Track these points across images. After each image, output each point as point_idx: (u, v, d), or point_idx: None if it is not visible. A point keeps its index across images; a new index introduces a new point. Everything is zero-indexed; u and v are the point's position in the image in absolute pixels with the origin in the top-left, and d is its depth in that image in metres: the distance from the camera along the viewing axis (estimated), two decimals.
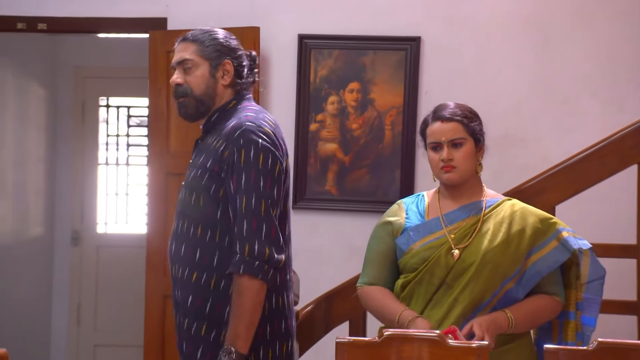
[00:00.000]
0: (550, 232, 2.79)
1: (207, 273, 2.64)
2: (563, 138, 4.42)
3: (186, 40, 2.73)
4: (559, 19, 4.51)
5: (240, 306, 2.56)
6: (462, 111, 2.84)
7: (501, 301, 2.75)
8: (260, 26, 4.58)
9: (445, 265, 2.77)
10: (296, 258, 4.45)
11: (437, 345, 2.49)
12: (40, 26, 4.82)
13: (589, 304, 2.83)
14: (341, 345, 2.52)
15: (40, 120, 6.50)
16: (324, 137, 4.65)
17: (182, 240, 2.68)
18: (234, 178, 2.60)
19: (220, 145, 2.64)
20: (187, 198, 2.68)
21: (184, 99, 2.70)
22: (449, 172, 2.80)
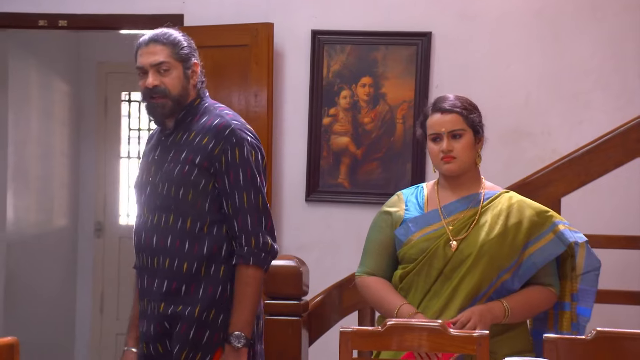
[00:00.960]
0: (547, 225, 2.78)
1: (197, 262, 2.70)
2: (572, 131, 4.40)
3: (157, 43, 2.72)
4: (569, 14, 4.48)
5: (248, 295, 2.68)
6: (461, 103, 2.83)
7: (497, 291, 2.75)
8: (274, 22, 4.58)
9: (443, 257, 2.76)
10: (309, 249, 4.50)
11: (439, 334, 2.50)
12: (61, 23, 4.85)
13: (584, 295, 2.82)
14: (345, 335, 2.53)
15: (64, 115, 6.55)
16: (336, 130, 4.65)
17: (167, 233, 2.72)
18: (230, 175, 2.68)
19: (209, 142, 2.69)
20: (171, 192, 2.71)
21: (163, 100, 2.72)
22: (449, 163, 2.80)
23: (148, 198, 2.76)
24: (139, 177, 2.83)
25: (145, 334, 2.76)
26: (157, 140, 2.82)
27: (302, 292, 3.17)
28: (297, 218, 4.70)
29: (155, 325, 2.74)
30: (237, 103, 4.63)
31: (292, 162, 4.69)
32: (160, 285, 2.73)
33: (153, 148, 2.82)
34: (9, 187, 5.84)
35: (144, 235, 2.76)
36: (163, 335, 2.73)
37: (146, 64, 2.71)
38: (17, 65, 5.91)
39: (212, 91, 4.61)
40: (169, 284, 2.71)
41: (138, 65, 2.73)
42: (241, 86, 4.61)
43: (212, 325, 2.71)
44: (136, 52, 2.76)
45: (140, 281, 2.80)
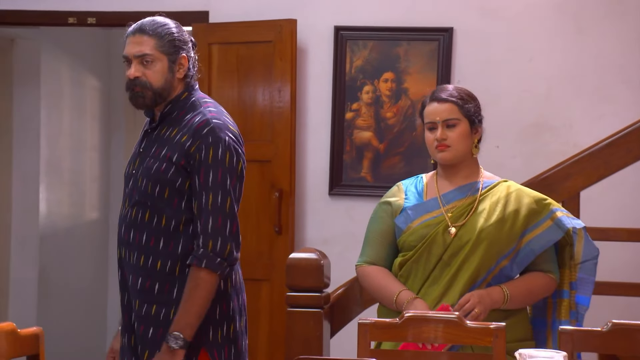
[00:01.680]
0: (545, 212, 2.78)
1: (171, 260, 2.63)
2: (593, 125, 4.37)
3: (144, 33, 2.64)
4: (590, 7, 4.45)
5: (194, 297, 2.57)
6: (458, 93, 2.83)
7: (496, 278, 2.75)
8: (298, 18, 4.59)
9: (442, 243, 2.77)
10: (333, 243, 4.50)
11: (456, 326, 2.49)
12: (90, 20, 4.88)
13: (582, 284, 2.81)
14: (363, 327, 2.54)
15: (95, 110, 6.61)
16: (359, 125, 4.65)
17: (143, 229, 2.64)
18: (201, 174, 2.59)
19: (187, 140, 2.61)
20: (148, 189, 2.64)
21: (142, 90, 2.64)
22: (443, 152, 2.80)
23: (129, 191, 2.70)
24: (126, 168, 2.77)
25: (123, 325, 2.72)
26: (145, 132, 2.76)
27: (324, 284, 3.16)
28: (320, 212, 4.70)
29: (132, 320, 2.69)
30: (262, 98, 4.64)
31: (315, 156, 4.69)
32: (135, 282, 2.66)
33: (140, 140, 2.77)
34: (41, 181, 5.91)
35: (123, 229, 2.69)
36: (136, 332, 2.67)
37: (130, 54, 2.63)
38: (49, 62, 5.98)
39: (237, 87, 4.70)
40: (143, 282, 2.64)
41: (123, 54, 2.66)
42: (265, 82, 4.62)
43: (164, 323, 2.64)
44: (125, 39, 2.68)
45: (121, 273, 2.73)
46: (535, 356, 1.99)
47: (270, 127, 4.60)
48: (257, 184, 4.59)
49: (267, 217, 4.57)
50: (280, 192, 4.55)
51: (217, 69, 4.70)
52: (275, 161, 4.58)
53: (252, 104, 4.65)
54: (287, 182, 4.56)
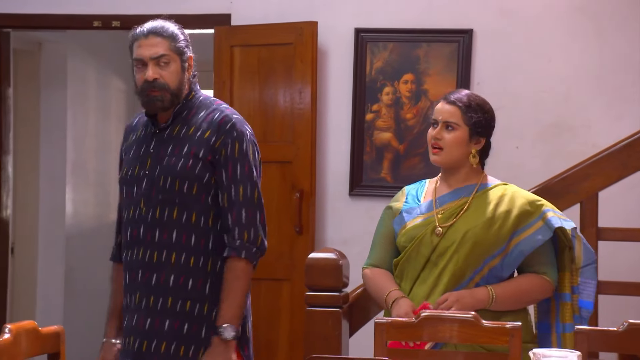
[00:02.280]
0: (537, 214, 2.75)
1: (203, 256, 2.67)
2: (612, 126, 4.34)
3: (157, 35, 2.66)
4: (610, 9, 4.41)
5: (237, 288, 2.63)
6: (468, 100, 2.80)
7: (485, 278, 2.74)
8: (318, 21, 4.60)
9: (429, 243, 2.77)
10: (353, 243, 4.50)
11: (472, 325, 2.49)
12: (114, 23, 4.91)
13: (584, 288, 2.78)
14: (380, 326, 2.54)
15: (120, 111, 6.65)
16: (379, 126, 4.64)
17: (172, 227, 2.65)
18: (229, 168, 2.65)
19: (211, 136, 2.66)
20: (175, 186, 2.65)
21: (161, 93, 2.64)
22: (435, 155, 2.81)
23: (145, 192, 2.68)
24: (129, 170, 2.73)
25: (134, 328, 2.68)
26: (149, 133, 2.74)
27: (342, 284, 3.17)
28: (340, 212, 4.70)
29: (154, 321, 2.66)
30: (282, 100, 4.65)
31: (335, 157, 4.70)
32: (165, 280, 2.64)
33: (143, 142, 2.74)
34: (68, 181, 5.95)
35: (142, 229, 2.67)
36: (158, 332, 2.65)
37: (146, 56, 2.64)
38: (75, 65, 6.03)
39: (258, 88, 4.71)
40: (176, 279, 2.64)
41: (136, 57, 2.66)
42: (286, 83, 4.63)
43: (205, 319, 2.68)
44: (132, 43, 2.68)
45: (130, 275, 2.70)
46: (549, 355, 1.98)
47: (291, 129, 4.61)
48: (277, 184, 4.60)
49: (287, 217, 4.58)
50: (301, 192, 4.55)
51: (239, 70, 4.71)
52: (296, 162, 4.58)
53: (273, 105, 4.66)
54: (308, 183, 4.56)
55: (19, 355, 2.11)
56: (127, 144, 2.80)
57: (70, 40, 5.89)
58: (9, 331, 2.09)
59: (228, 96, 4.68)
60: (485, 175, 2.87)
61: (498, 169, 4.30)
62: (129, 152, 2.77)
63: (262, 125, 4.64)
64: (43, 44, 5.87)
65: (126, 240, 2.73)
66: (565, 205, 3.39)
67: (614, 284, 3.43)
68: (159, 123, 2.73)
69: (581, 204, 3.38)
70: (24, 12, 4.96)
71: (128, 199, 2.73)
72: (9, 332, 2.09)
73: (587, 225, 3.36)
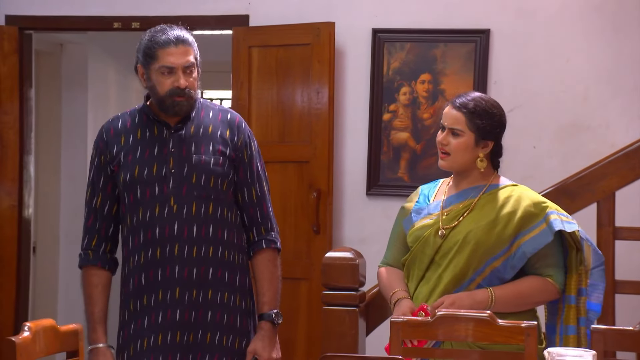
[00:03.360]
0: (542, 215, 2.72)
1: (234, 250, 2.79)
2: (631, 125, 4.32)
3: (186, 44, 2.72)
4: (628, 8, 4.38)
5: (276, 276, 2.83)
6: (474, 104, 2.76)
7: (487, 279, 2.72)
8: (336, 21, 4.60)
9: (433, 244, 2.77)
10: (370, 242, 4.49)
11: (487, 324, 2.48)
12: (134, 25, 4.94)
13: (593, 290, 2.75)
14: (395, 325, 2.54)
15: None
16: (396, 126, 4.64)
17: (209, 222, 2.73)
18: (252, 165, 2.83)
19: (232, 135, 2.81)
20: (209, 183, 2.74)
21: (186, 99, 2.72)
22: (443, 160, 2.81)
23: (174, 190, 2.72)
24: (144, 170, 2.73)
25: (175, 323, 2.69)
26: (160, 134, 2.76)
27: (359, 282, 3.17)
28: (358, 211, 4.70)
29: (197, 313, 2.71)
30: (300, 100, 4.65)
31: (353, 157, 4.69)
32: (206, 273, 2.72)
33: (154, 142, 2.75)
34: None
35: (176, 226, 2.70)
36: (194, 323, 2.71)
37: (178, 64, 2.69)
38: (96, 66, 6.07)
39: (276, 88, 4.71)
40: (215, 272, 2.74)
41: (166, 65, 2.69)
42: (304, 83, 4.63)
43: (246, 311, 2.81)
44: (158, 49, 2.70)
45: (160, 272, 2.70)
46: (565, 355, 1.97)
47: (308, 128, 4.61)
48: (295, 184, 4.60)
49: (305, 217, 4.58)
50: (319, 192, 4.55)
51: (257, 71, 4.72)
52: (314, 162, 4.58)
53: (290, 105, 4.66)
54: (325, 183, 4.56)
55: (37, 353, 2.13)
56: (122, 146, 2.76)
57: (90, 41, 5.93)
58: (28, 329, 2.11)
59: (246, 96, 4.70)
60: (496, 176, 2.84)
61: (515, 168, 4.33)
62: (131, 153, 2.75)
63: (279, 126, 4.65)
64: (64, 45, 5.91)
65: (149, 239, 2.72)
66: (582, 205, 3.37)
67: (630, 283, 3.41)
68: (169, 124, 2.78)
69: (598, 203, 3.36)
70: (45, 14, 4.99)
71: (148, 197, 2.73)
72: (28, 330, 2.11)
73: (604, 224, 3.34)
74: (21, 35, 5.00)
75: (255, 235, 2.84)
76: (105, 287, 2.79)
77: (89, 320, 2.78)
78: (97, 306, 2.77)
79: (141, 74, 2.76)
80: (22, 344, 2.07)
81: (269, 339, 2.78)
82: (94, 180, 2.80)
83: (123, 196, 2.76)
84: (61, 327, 2.30)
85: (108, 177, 2.78)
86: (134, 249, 2.74)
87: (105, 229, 2.80)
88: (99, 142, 2.81)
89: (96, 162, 2.80)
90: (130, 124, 2.80)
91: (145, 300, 2.72)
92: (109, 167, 2.77)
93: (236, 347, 2.77)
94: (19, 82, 4.97)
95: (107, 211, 2.80)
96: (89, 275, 2.80)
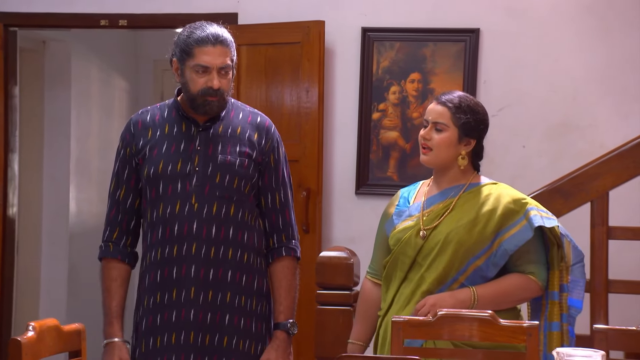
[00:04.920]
0: (522, 212, 2.70)
1: (253, 253, 2.74)
2: (620, 125, 4.34)
3: (224, 45, 2.68)
4: (617, 8, 4.40)
5: (295, 286, 2.79)
6: (459, 101, 2.75)
7: (470, 278, 2.71)
8: (326, 20, 4.58)
9: (414, 245, 2.76)
10: (359, 241, 4.48)
11: (489, 324, 2.48)
12: (121, 22, 4.89)
13: (574, 286, 2.74)
14: (397, 324, 2.53)
15: (123, 110, 6.62)
16: (385, 125, 4.63)
17: (229, 223, 2.69)
18: (279, 171, 2.79)
19: (260, 139, 2.76)
20: (233, 183, 2.70)
21: (218, 99, 2.68)
22: (424, 155, 2.80)
23: (197, 188, 2.68)
24: (168, 166, 2.70)
25: (190, 323, 2.65)
26: (187, 131, 2.73)
27: (353, 282, 3.17)
28: (347, 210, 4.69)
29: (215, 315, 2.68)
30: (289, 99, 4.63)
31: (342, 156, 4.68)
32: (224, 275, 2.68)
33: (181, 138, 2.72)
34: (71, 180, 5.93)
35: (196, 225, 2.67)
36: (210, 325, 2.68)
37: (214, 64, 2.65)
38: (79, 63, 6.00)
39: (264, 87, 4.69)
40: (233, 274, 2.69)
41: (201, 64, 2.65)
42: (293, 82, 4.61)
43: (261, 316, 2.76)
44: (195, 46, 2.67)
45: (176, 270, 2.66)
46: (574, 355, 1.97)
47: (297, 128, 4.59)
48: None
49: (295, 216, 4.56)
50: (308, 191, 4.53)
51: (246, 70, 4.69)
52: (303, 161, 4.57)
53: (279, 104, 4.64)
54: (315, 182, 4.54)
55: (43, 353, 2.11)
56: (149, 140, 2.74)
57: (74, 39, 5.86)
58: (33, 329, 2.09)
59: (235, 95, 4.65)
60: (476, 175, 2.81)
61: (504, 168, 4.35)
62: (157, 148, 2.72)
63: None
64: (47, 42, 5.84)
65: (167, 236, 2.68)
66: (576, 204, 3.39)
67: (623, 283, 3.42)
68: (197, 121, 2.74)
69: (592, 203, 3.38)
70: (31, 11, 4.93)
71: (170, 194, 2.69)
72: (32, 330, 2.09)
73: (598, 224, 3.35)
74: (6, 32, 4.94)
75: (275, 242, 2.79)
76: (124, 281, 2.76)
77: (106, 313, 2.74)
78: (114, 300, 2.74)
79: (175, 69, 2.73)
80: (27, 344, 2.05)
81: (284, 349, 2.75)
82: (119, 172, 2.77)
83: (145, 190, 2.72)
84: (64, 326, 2.27)
85: (133, 169, 2.74)
86: (152, 244, 2.71)
87: (127, 222, 2.76)
88: (125, 134, 2.77)
89: (122, 154, 2.77)
90: (159, 118, 2.76)
91: (159, 297, 2.69)
92: (134, 160, 2.74)
93: (252, 352, 2.73)
94: (3, 80, 4.91)
95: (130, 204, 2.75)
96: (108, 268, 2.76)
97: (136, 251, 2.81)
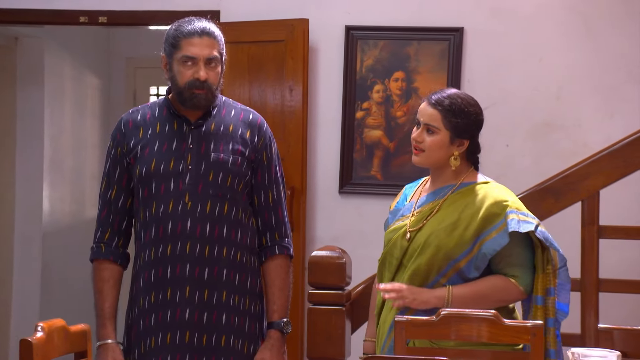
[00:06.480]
0: (502, 215, 2.66)
1: (246, 252, 2.72)
2: (604, 124, 4.36)
3: (211, 36, 2.66)
4: (602, 8, 4.43)
5: (288, 283, 2.77)
6: (450, 102, 2.70)
7: (452, 280, 2.68)
8: (309, 18, 4.55)
9: (400, 247, 2.75)
10: (342, 240, 4.46)
11: (493, 324, 2.47)
12: (101, 19, 4.81)
13: (561, 290, 2.70)
14: (399, 324, 2.51)
15: (95, 108, 6.54)
16: (369, 124, 4.62)
17: (222, 222, 2.66)
18: (271, 168, 2.76)
19: (252, 136, 2.73)
20: (226, 182, 2.67)
21: (206, 93, 2.65)
22: (416, 156, 2.78)
23: (190, 186, 2.65)
24: (161, 164, 2.66)
25: (184, 322, 2.63)
26: (179, 129, 2.70)
27: (345, 282, 3.14)
28: (330, 209, 4.67)
29: (211, 314, 2.65)
30: (273, 97, 4.59)
31: (325, 154, 4.66)
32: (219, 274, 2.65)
33: (172, 136, 2.69)
34: (45, 179, 5.83)
35: (189, 224, 2.63)
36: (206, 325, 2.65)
37: (200, 55, 2.63)
38: (52, 61, 5.91)
39: (248, 85, 4.64)
40: (228, 273, 2.67)
41: (188, 55, 2.63)
42: (277, 81, 4.57)
43: (255, 315, 2.75)
44: (182, 39, 2.64)
45: (170, 269, 2.63)
46: (589, 355, 1.97)
47: (281, 126, 4.55)
48: None
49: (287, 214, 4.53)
50: (292, 190, 4.50)
51: (228, 68, 4.53)
52: (287, 159, 4.52)
53: (263, 103, 4.60)
54: (299, 181, 4.51)
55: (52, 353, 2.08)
56: (140, 139, 2.70)
57: (47, 36, 5.76)
58: (42, 329, 2.06)
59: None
60: (471, 173, 2.77)
61: (488, 167, 4.29)
62: (149, 146, 2.69)
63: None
64: (19, 38, 5.73)
65: (160, 235, 2.65)
66: (567, 204, 3.39)
67: (613, 282, 3.44)
68: (189, 119, 2.71)
69: (582, 202, 3.38)
70: (4, 7, 4.83)
71: (163, 192, 2.66)
72: (42, 331, 2.06)
73: (588, 223, 3.36)
74: None
75: (268, 240, 2.77)
76: (116, 282, 2.72)
77: (98, 315, 2.69)
78: (107, 301, 2.69)
79: (164, 64, 2.69)
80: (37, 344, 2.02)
81: (277, 348, 2.73)
82: (110, 172, 2.72)
83: (137, 190, 2.68)
84: (71, 327, 2.24)
85: (124, 169, 2.70)
86: (145, 244, 2.67)
87: (118, 223, 2.73)
88: (116, 134, 2.73)
89: (112, 153, 2.72)
90: (150, 117, 2.73)
91: (154, 297, 2.65)
92: (125, 160, 2.70)
93: (245, 351, 2.71)
94: None
95: (122, 204, 2.72)
96: (100, 269, 2.72)
97: (128, 252, 2.77)
